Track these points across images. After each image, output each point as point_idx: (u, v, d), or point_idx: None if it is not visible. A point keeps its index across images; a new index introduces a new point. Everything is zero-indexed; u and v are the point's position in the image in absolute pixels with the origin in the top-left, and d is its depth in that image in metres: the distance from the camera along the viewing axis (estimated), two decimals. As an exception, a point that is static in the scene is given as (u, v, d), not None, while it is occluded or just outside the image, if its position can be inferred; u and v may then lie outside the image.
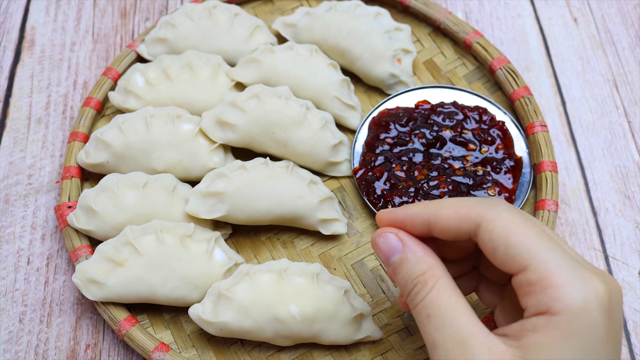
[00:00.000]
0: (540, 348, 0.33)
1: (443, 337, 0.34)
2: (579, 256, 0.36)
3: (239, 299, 0.43)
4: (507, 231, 0.34)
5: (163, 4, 0.64)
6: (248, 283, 0.44)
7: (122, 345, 0.48)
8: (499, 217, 0.35)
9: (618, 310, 0.34)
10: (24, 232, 0.53)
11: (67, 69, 0.61)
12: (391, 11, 0.61)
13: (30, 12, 0.64)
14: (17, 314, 0.49)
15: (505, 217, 0.34)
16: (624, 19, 0.63)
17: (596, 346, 0.32)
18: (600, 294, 0.33)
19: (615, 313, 0.33)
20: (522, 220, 0.34)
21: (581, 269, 0.33)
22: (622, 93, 0.59)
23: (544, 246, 0.33)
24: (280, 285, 0.44)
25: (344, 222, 0.51)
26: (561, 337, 0.32)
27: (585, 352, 0.32)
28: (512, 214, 0.35)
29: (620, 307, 0.34)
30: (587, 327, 0.32)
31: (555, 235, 0.36)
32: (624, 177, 0.55)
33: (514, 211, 0.35)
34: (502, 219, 0.34)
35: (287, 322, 0.43)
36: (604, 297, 0.33)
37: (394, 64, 0.56)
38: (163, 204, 0.48)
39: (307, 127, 0.51)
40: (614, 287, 0.34)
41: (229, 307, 0.43)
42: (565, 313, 0.32)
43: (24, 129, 0.57)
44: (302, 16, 0.58)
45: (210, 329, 0.44)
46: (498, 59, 0.56)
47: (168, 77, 0.53)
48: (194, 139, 0.51)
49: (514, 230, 0.34)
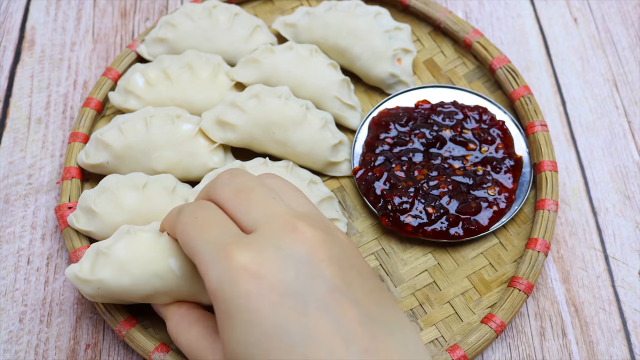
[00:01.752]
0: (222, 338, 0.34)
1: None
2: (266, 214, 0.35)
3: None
4: (181, 234, 0.37)
5: (163, 4, 0.64)
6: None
7: (122, 345, 0.48)
8: (179, 224, 0.38)
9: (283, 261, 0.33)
10: (24, 232, 0.53)
11: (67, 69, 0.61)
12: (391, 11, 0.61)
13: (30, 12, 0.64)
14: (17, 313, 0.49)
15: (181, 220, 0.38)
16: (624, 19, 0.63)
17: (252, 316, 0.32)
18: (235, 266, 0.33)
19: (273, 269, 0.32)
20: (192, 219, 0.37)
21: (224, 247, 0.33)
22: (622, 93, 0.59)
23: (199, 238, 0.35)
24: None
25: (344, 222, 0.51)
26: (222, 323, 0.33)
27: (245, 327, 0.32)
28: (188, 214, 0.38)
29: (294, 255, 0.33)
30: (230, 304, 0.32)
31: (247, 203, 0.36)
32: (624, 177, 0.55)
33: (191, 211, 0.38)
34: (179, 224, 0.38)
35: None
36: (242, 265, 0.32)
37: (394, 64, 0.56)
38: (163, 205, 0.48)
39: (307, 127, 0.51)
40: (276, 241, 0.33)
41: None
42: (212, 299, 0.34)
43: (24, 129, 0.57)
44: (302, 16, 0.58)
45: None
46: (498, 59, 0.56)
47: (168, 77, 0.53)
48: (193, 139, 0.51)
49: (183, 233, 0.37)
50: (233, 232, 0.35)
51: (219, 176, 0.39)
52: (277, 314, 0.31)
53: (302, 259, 0.33)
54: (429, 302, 0.48)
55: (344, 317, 0.32)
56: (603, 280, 0.50)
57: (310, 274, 0.32)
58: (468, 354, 0.45)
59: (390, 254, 0.50)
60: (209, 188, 0.40)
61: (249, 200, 0.37)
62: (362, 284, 0.34)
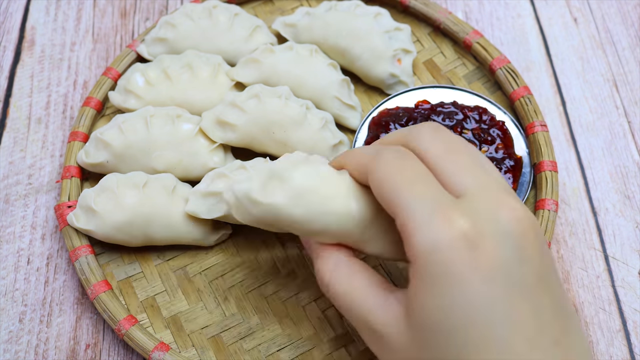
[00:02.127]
0: (411, 299, 0.33)
1: (354, 322, 0.36)
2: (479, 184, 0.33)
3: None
4: (381, 182, 0.34)
5: (163, 4, 0.64)
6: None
7: (122, 345, 0.48)
8: (377, 169, 0.35)
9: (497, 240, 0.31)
10: (24, 232, 0.53)
11: (67, 69, 0.61)
12: (391, 11, 0.61)
13: (30, 12, 0.64)
14: (17, 313, 0.49)
15: (383, 165, 0.35)
16: (624, 19, 0.63)
17: (460, 287, 0.31)
18: (454, 232, 0.31)
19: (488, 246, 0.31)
20: (397, 168, 0.34)
21: (442, 208, 0.32)
22: (622, 93, 0.59)
23: (409, 191, 0.33)
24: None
25: (344, 222, 0.51)
26: (421, 284, 0.32)
27: (448, 295, 0.31)
28: (391, 161, 0.35)
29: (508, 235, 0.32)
30: (440, 270, 0.31)
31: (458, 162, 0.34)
32: (624, 177, 0.55)
33: (395, 157, 0.35)
34: (379, 170, 0.35)
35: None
36: (462, 233, 0.31)
37: (394, 64, 0.56)
38: (163, 204, 0.48)
39: (307, 127, 0.51)
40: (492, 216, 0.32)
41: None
42: (418, 258, 0.32)
43: (24, 129, 0.57)
44: (302, 16, 0.58)
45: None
46: (498, 59, 0.56)
47: (168, 77, 0.53)
48: (193, 138, 0.51)
49: (385, 181, 0.34)
50: (444, 193, 0.33)
51: (421, 126, 0.37)
52: (486, 290, 0.30)
53: (516, 239, 0.32)
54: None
55: (542, 306, 0.31)
56: (603, 280, 0.50)
57: (521, 257, 0.32)
58: (468, 353, 0.45)
59: (390, 253, 0.50)
60: (409, 136, 0.37)
61: (459, 161, 0.34)
62: (554, 274, 0.33)
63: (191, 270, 0.50)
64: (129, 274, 0.50)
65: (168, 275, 0.50)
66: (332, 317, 0.48)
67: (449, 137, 0.36)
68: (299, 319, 0.48)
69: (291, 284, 0.49)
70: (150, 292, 0.49)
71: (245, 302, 0.49)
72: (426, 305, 0.32)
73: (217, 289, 0.49)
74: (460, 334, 0.31)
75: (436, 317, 0.31)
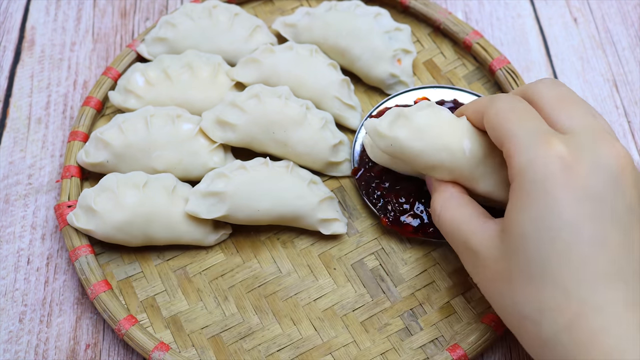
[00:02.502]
0: (507, 214, 0.36)
1: (456, 246, 0.41)
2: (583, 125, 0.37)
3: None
4: (494, 116, 0.39)
5: (163, 4, 0.64)
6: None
7: (122, 345, 0.48)
8: (493, 107, 0.40)
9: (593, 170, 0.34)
10: (24, 232, 0.53)
11: (67, 68, 0.61)
12: (391, 11, 0.61)
13: (30, 12, 0.64)
14: (17, 313, 0.49)
15: (497, 105, 0.39)
16: (624, 19, 0.63)
17: (551, 203, 0.34)
18: (552, 153, 0.35)
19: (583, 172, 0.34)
20: (509, 106, 0.39)
21: (543, 135, 0.36)
22: (622, 93, 0.59)
23: (517, 123, 0.37)
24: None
25: (344, 222, 0.51)
26: (517, 200, 0.35)
27: (539, 209, 0.34)
28: (505, 102, 0.39)
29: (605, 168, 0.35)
30: (534, 185, 0.34)
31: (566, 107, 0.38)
32: (624, 177, 0.55)
33: (508, 100, 0.40)
34: (493, 108, 0.39)
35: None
36: (559, 156, 0.34)
37: (394, 64, 0.56)
38: (163, 204, 0.48)
39: (307, 127, 0.51)
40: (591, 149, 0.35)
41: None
42: (516, 176, 0.36)
43: (24, 129, 0.57)
44: (302, 16, 0.58)
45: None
46: (498, 60, 0.56)
47: (168, 77, 0.53)
48: (194, 138, 0.51)
49: (498, 115, 0.39)
50: (549, 128, 0.37)
51: (540, 80, 0.41)
52: (577, 210, 0.33)
53: (612, 172, 0.35)
54: (429, 302, 0.48)
55: (633, 236, 0.34)
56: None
57: (615, 188, 0.34)
58: (468, 353, 0.45)
59: (390, 254, 0.50)
60: (527, 88, 0.41)
61: (571, 109, 0.38)
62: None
63: (191, 270, 0.50)
64: (129, 274, 0.50)
65: (168, 275, 0.50)
66: (332, 317, 0.48)
67: (564, 88, 0.40)
68: (299, 319, 0.48)
69: (291, 284, 0.49)
70: (150, 292, 0.49)
71: (245, 302, 0.49)
72: (520, 218, 0.35)
73: (217, 289, 0.49)
74: (547, 246, 0.34)
75: (527, 229, 0.34)
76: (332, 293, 0.49)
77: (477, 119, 0.42)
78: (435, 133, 0.43)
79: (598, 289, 0.33)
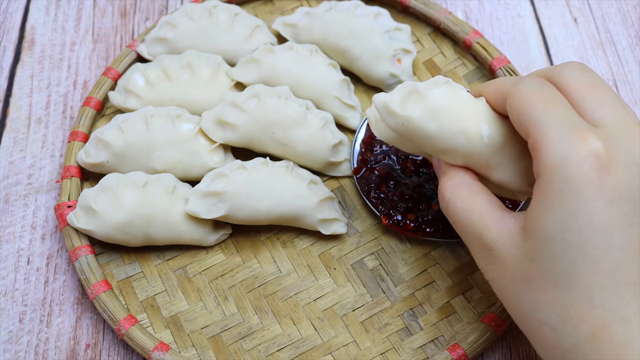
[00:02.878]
0: (532, 212, 0.34)
1: (467, 237, 0.38)
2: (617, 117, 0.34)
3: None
4: (519, 102, 0.36)
5: (163, 4, 0.64)
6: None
7: (122, 345, 0.48)
8: (517, 90, 0.36)
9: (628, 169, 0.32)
10: (24, 232, 0.53)
11: (67, 68, 0.61)
12: (391, 11, 0.61)
13: (30, 12, 0.64)
14: (17, 314, 0.49)
15: (523, 89, 0.36)
16: (624, 19, 0.63)
17: (583, 205, 0.31)
18: (586, 150, 0.32)
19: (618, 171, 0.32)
20: (537, 92, 0.36)
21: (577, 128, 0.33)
22: (622, 93, 0.59)
23: (545, 112, 0.34)
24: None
25: (344, 222, 0.51)
26: (544, 198, 0.33)
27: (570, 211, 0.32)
28: (531, 86, 0.36)
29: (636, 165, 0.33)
30: (566, 185, 0.32)
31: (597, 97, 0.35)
32: (624, 177, 0.55)
33: (535, 84, 0.36)
34: (519, 92, 0.36)
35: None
36: (594, 154, 0.32)
37: (394, 64, 0.56)
38: (163, 204, 0.48)
39: (307, 127, 0.51)
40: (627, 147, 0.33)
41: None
42: (545, 173, 0.33)
43: (24, 129, 0.57)
44: (302, 16, 0.58)
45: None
46: (498, 59, 0.56)
47: (168, 77, 0.53)
48: (194, 138, 0.51)
49: (524, 101, 0.35)
50: (581, 119, 0.34)
51: (567, 64, 0.38)
52: (609, 213, 0.31)
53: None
54: (429, 302, 0.48)
55: None
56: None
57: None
58: (468, 353, 0.45)
59: (390, 254, 0.50)
60: (552, 71, 0.38)
61: (599, 96, 0.35)
62: None
63: (191, 270, 0.50)
64: (129, 274, 0.50)
65: (168, 275, 0.50)
66: (332, 317, 0.48)
67: (592, 74, 0.37)
68: (298, 319, 0.48)
69: (291, 284, 0.49)
70: (150, 292, 0.49)
71: (245, 302, 0.49)
72: (546, 218, 0.32)
73: (217, 289, 0.49)
74: (574, 250, 0.32)
75: (554, 230, 0.32)
76: (332, 293, 0.49)
77: (498, 102, 0.39)
78: (452, 115, 0.39)
79: (626, 299, 0.31)
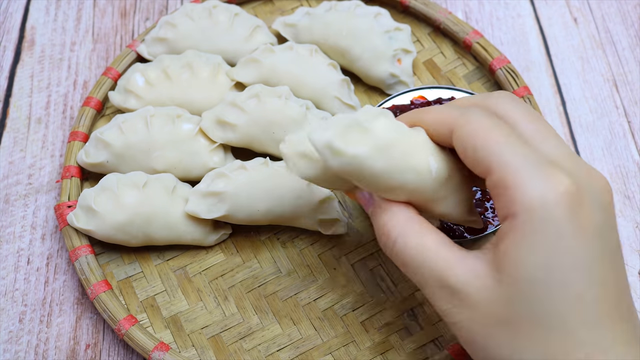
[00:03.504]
0: (507, 254, 0.32)
1: (423, 279, 0.35)
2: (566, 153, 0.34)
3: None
4: (474, 135, 0.34)
5: (163, 4, 0.64)
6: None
7: (122, 345, 0.48)
8: (469, 123, 0.34)
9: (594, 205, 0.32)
10: (24, 232, 0.53)
11: (67, 69, 0.61)
12: (391, 11, 0.61)
13: (30, 12, 0.64)
14: (17, 314, 0.49)
15: (475, 121, 0.34)
16: (624, 19, 0.63)
17: (563, 244, 0.31)
18: (562, 189, 0.31)
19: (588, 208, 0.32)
20: (491, 125, 0.34)
21: (546, 166, 0.32)
22: (622, 93, 0.59)
23: (508, 147, 0.33)
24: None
25: (344, 222, 0.51)
26: (522, 239, 0.32)
27: (550, 252, 0.31)
28: (482, 118, 0.34)
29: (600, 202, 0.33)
30: (546, 225, 0.31)
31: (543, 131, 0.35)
32: (624, 177, 0.55)
33: (485, 116, 0.35)
34: (471, 124, 0.34)
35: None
36: (568, 192, 0.31)
37: (394, 64, 0.56)
38: (163, 204, 0.48)
39: (307, 127, 0.51)
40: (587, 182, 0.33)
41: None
42: (522, 213, 0.32)
43: (24, 129, 0.57)
44: (302, 16, 0.58)
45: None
46: (498, 59, 0.56)
47: (168, 77, 0.53)
48: (194, 138, 0.51)
49: (479, 134, 0.34)
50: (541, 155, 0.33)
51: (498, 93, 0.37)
52: (588, 249, 0.31)
53: (606, 207, 0.33)
54: (429, 302, 0.48)
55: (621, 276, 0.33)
56: (603, 280, 0.50)
57: (610, 224, 0.33)
58: (468, 353, 0.45)
59: (390, 253, 0.50)
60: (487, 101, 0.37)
61: (541, 129, 0.35)
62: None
63: (191, 270, 0.50)
64: (129, 274, 0.50)
65: (168, 275, 0.50)
66: (332, 317, 0.48)
67: (526, 106, 0.37)
68: (299, 319, 0.48)
69: (291, 284, 0.49)
70: (150, 292, 0.49)
71: (245, 302, 0.49)
72: (527, 259, 0.31)
73: (217, 289, 0.49)
74: (558, 289, 0.31)
75: (536, 270, 0.31)
76: (332, 293, 0.49)
77: (440, 133, 0.36)
78: (399, 150, 0.35)
79: (603, 331, 0.31)
